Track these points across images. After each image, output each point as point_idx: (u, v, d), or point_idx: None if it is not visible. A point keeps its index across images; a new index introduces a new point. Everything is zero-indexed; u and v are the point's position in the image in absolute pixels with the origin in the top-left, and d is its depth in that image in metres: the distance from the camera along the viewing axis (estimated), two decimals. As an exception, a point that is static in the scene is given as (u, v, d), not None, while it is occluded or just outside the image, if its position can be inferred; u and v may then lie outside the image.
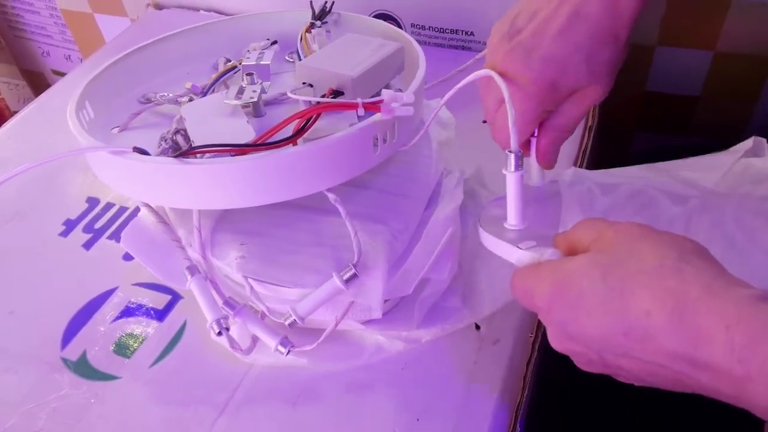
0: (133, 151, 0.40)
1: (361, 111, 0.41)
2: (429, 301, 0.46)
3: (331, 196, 0.42)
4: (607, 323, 0.28)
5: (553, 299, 0.31)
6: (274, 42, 0.55)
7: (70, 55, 1.19)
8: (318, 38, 0.54)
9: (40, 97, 0.75)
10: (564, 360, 0.34)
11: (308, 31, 0.54)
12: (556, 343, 0.32)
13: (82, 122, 0.48)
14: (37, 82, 1.30)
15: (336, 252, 0.43)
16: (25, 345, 0.49)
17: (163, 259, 0.46)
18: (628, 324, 0.27)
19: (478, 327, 0.47)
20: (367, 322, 0.45)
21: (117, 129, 0.50)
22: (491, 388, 0.44)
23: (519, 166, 0.38)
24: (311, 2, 0.57)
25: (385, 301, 0.44)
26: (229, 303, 0.42)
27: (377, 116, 0.40)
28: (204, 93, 0.50)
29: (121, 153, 0.40)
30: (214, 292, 0.43)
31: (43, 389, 0.46)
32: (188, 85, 0.52)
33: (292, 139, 0.39)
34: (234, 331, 0.44)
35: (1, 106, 1.18)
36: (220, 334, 0.41)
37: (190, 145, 0.42)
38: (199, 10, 0.87)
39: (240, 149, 0.39)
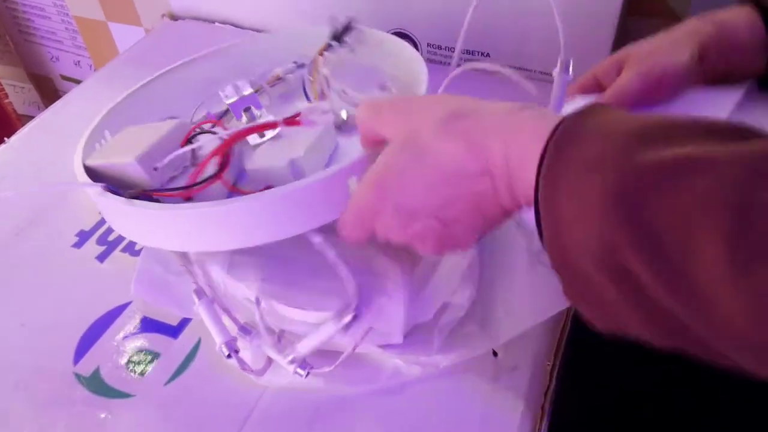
0: (104, 189, 0.39)
1: (282, 128, 0.41)
2: (448, 326, 0.45)
3: (316, 240, 0.40)
4: (429, 181, 0.32)
5: (379, 191, 0.34)
6: (302, 65, 0.54)
7: (79, 61, 1.19)
8: (331, 60, 0.52)
9: (53, 105, 0.75)
10: (582, 390, 0.34)
11: (323, 52, 0.53)
12: (401, 232, 0.34)
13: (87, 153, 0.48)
14: (45, 87, 1.30)
15: (356, 276, 0.42)
16: (36, 359, 0.49)
17: (178, 296, 0.46)
18: (443, 172, 0.32)
19: (495, 353, 0.47)
20: (386, 346, 0.45)
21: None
22: (509, 416, 0.43)
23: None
24: (331, 18, 0.55)
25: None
26: (244, 328, 0.42)
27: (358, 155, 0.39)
28: (218, 119, 0.51)
29: (95, 190, 0.40)
30: (224, 316, 0.43)
31: (55, 405, 0.45)
32: (204, 113, 0.52)
33: (217, 175, 0.40)
34: (248, 353, 0.44)
35: (8, 110, 1.18)
36: (229, 356, 0.41)
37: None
38: (214, 22, 0.87)
39: (184, 192, 0.40)
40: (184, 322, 0.50)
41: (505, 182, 0.31)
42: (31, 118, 1.35)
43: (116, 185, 0.44)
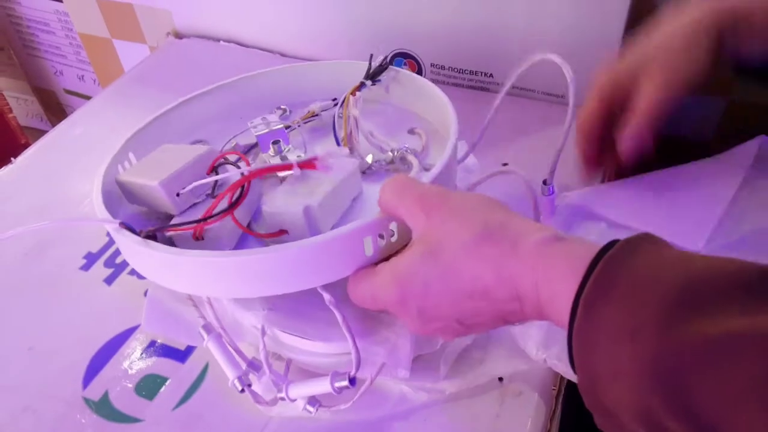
0: (120, 226, 0.40)
1: (297, 171, 0.41)
2: (454, 354, 0.46)
3: (326, 296, 0.40)
4: (454, 295, 0.33)
5: (404, 294, 0.34)
6: (339, 103, 0.53)
7: (83, 75, 1.20)
8: (363, 100, 0.51)
9: (59, 125, 0.75)
10: (587, 415, 0.34)
11: (355, 92, 0.51)
12: (420, 329, 0.36)
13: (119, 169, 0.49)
14: (48, 100, 1.31)
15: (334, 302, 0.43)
16: (44, 383, 0.49)
17: (187, 326, 0.46)
18: (469, 290, 0.32)
19: (500, 379, 0.47)
20: (392, 373, 0.45)
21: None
22: (515, 442, 0.44)
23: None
24: (371, 56, 0.53)
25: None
26: (252, 364, 0.43)
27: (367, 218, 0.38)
28: (247, 150, 0.51)
29: (110, 227, 0.41)
30: (233, 351, 0.43)
31: (64, 430, 0.46)
32: (233, 143, 0.52)
33: (228, 211, 0.40)
34: (260, 384, 0.44)
35: (12, 125, 1.19)
36: (243, 390, 0.42)
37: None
38: (219, 41, 0.87)
39: (195, 225, 0.40)
40: (192, 347, 0.51)
41: (536, 310, 0.31)
42: (34, 130, 1.36)
43: (143, 204, 0.46)
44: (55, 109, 1.32)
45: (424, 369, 0.46)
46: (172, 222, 0.43)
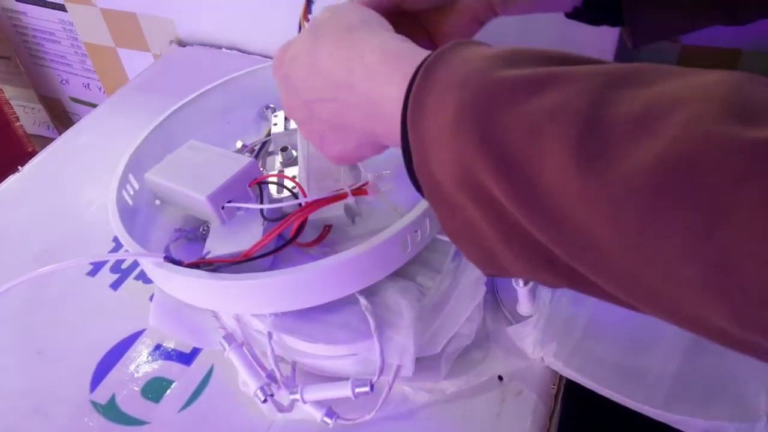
0: (165, 260, 0.42)
1: (351, 200, 0.43)
2: (454, 354, 0.47)
3: (362, 302, 0.43)
4: (313, 68, 0.34)
5: (280, 57, 0.37)
6: None
7: (89, 84, 1.21)
8: None
9: (65, 133, 0.77)
10: (586, 413, 0.35)
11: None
12: (287, 102, 0.37)
13: (127, 198, 0.51)
14: (55, 108, 1.32)
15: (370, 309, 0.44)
16: (54, 386, 0.50)
17: (192, 326, 0.47)
18: (327, 67, 0.33)
19: (500, 378, 0.48)
20: (393, 374, 0.46)
21: (159, 200, 0.52)
22: (515, 441, 0.45)
23: None
24: None
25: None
26: (271, 376, 0.44)
27: (409, 217, 0.42)
28: (256, 153, 0.52)
29: (154, 260, 0.42)
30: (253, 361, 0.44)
31: (73, 432, 0.47)
32: (239, 144, 0.53)
33: (293, 241, 0.43)
34: (278, 393, 0.45)
35: (19, 134, 1.20)
36: (265, 401, 0.42)
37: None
38: (221, 48, 0.88)
39: (243, 256, 0.42)
40: (197, 350, 0.52)
41: (367, 98, 0.31)
42: (41, 138, 1.38)
43: (175, 204, 0.47)
44: (62, 117, 1.34)
45: (425, 370, 0.46)
46: (212, 233, 0.46)
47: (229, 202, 0.45)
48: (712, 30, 0.69)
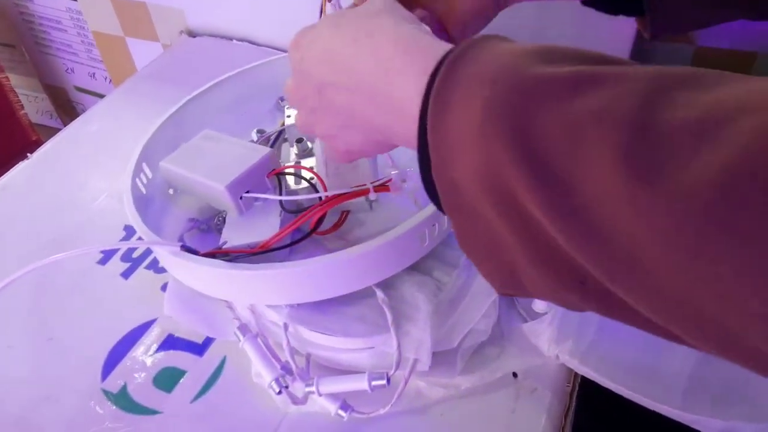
0: (181, 249, 0.42)
1: (372, 195, 0.42)
2: (470, 350, 0.46)
3: (379, 295, 0.43)
4: (331, 54, 0.32)
5: (297, 40, 0.35)
6: None
7: (94, 73, 1.20)
8: None
9: (74, 122, 0.76)
10: (601, 411, 0.34)
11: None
12: (299, 89, 0.36)
13: (141, 187, 0.50)
14: (59, 97, 1.32)
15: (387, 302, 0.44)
16: (65, 373, 0.50)
17: (206, 316, 0.47)
18: (346, 53, 0.31)
19: (515, 375, 0.48)
20: (409, 368, 0.46)
21: (172, 189, 0.51)
22: (530, 438, 0.44)
23: None
24: None
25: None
26: (285, 368, 0.43)
27: (429, 209, 0.42)
28: (272, 143, 0.52)
29: (171, 249, 0.42)
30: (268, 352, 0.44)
31: (83, 421, 0.46)
32: (254, 134, 0.53)
33: (311, 234, 0.43)
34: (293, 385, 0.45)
35: (24, 122, 1.19)
36: (280, 392, 0.42)
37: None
38: (232, 39, 0.88)
39: (261, 247, 0.43)
40: (209, 341, 0.51)
41: (390, 100, 0.29)
42: (44, 127, 1.37)
43: (190, 193, 0.47)
44: (66, 107, 1.33)
45: (440, 365, 0.46)
46: (228, 220, 0.46)
47: (246, 192, 0.45)
48: (728, 32, 0.70)
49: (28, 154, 0.70)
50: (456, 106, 0.25)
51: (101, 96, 1.23)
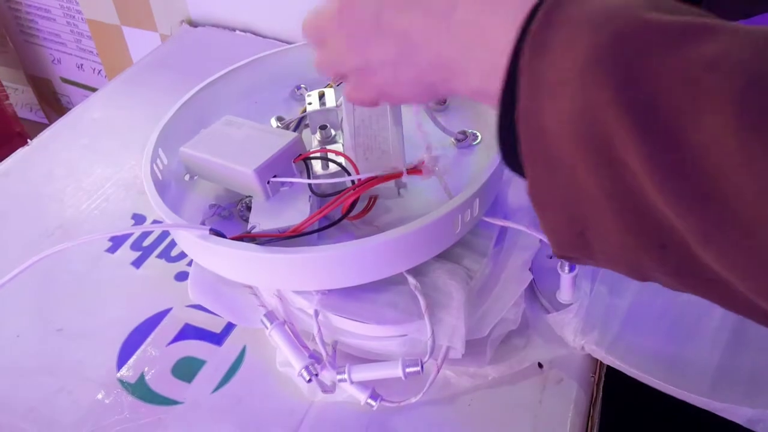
0: (210, 233, 0.41)
1: (405, 178, 0.42)
2: (499, 339, 0.46)
3: (411, 281, 0.42)
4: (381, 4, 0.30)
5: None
6: None
7: (82, 64, 1.17)
8: None
9: (73, 109, 0.74)
10: (627, 402, 0.34)
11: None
12: (351, 20, 0.32)
13: (157, 172, 0.49)
14: (43, 89, 1.28)
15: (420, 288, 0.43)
16: (77, 365, 0.48)
17: (231, 302, 0.46)
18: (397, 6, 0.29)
19: (540, 365, 0.48)
20: (439, 357, 0.45)
21: (188, 176, 0.50)
22: (558, 428, 0.44)
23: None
24: None
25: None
26: (314, 356, 0.43)
27: (462, 196, 0.41)
28: (293, 129, 0.51)
29: (199, 233, 0.41)
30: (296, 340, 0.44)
31: (101, 412, 0.45)
32: (274, 121, 0.52)
33: (346, 217, 0.42)
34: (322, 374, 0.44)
35: (8, 112, 1.16)
36: (310, 380, 0.41)
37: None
38: (235, 30, 0.87)
39: (293, 231, 0.42)
40: (227, 330, 0.50)
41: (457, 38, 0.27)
42: (26, 120, 1.33)
43: (213, 180, 0.46)
44: (50, 99, 1.29)
45: (469, 354, 0.45)
46: (254, 207, 0.45)
47: (274, 176, 0.44)
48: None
49: (28, 140, 0.68)
50: (555, 47, 0.23)
51: (89, 88, 1.20)
